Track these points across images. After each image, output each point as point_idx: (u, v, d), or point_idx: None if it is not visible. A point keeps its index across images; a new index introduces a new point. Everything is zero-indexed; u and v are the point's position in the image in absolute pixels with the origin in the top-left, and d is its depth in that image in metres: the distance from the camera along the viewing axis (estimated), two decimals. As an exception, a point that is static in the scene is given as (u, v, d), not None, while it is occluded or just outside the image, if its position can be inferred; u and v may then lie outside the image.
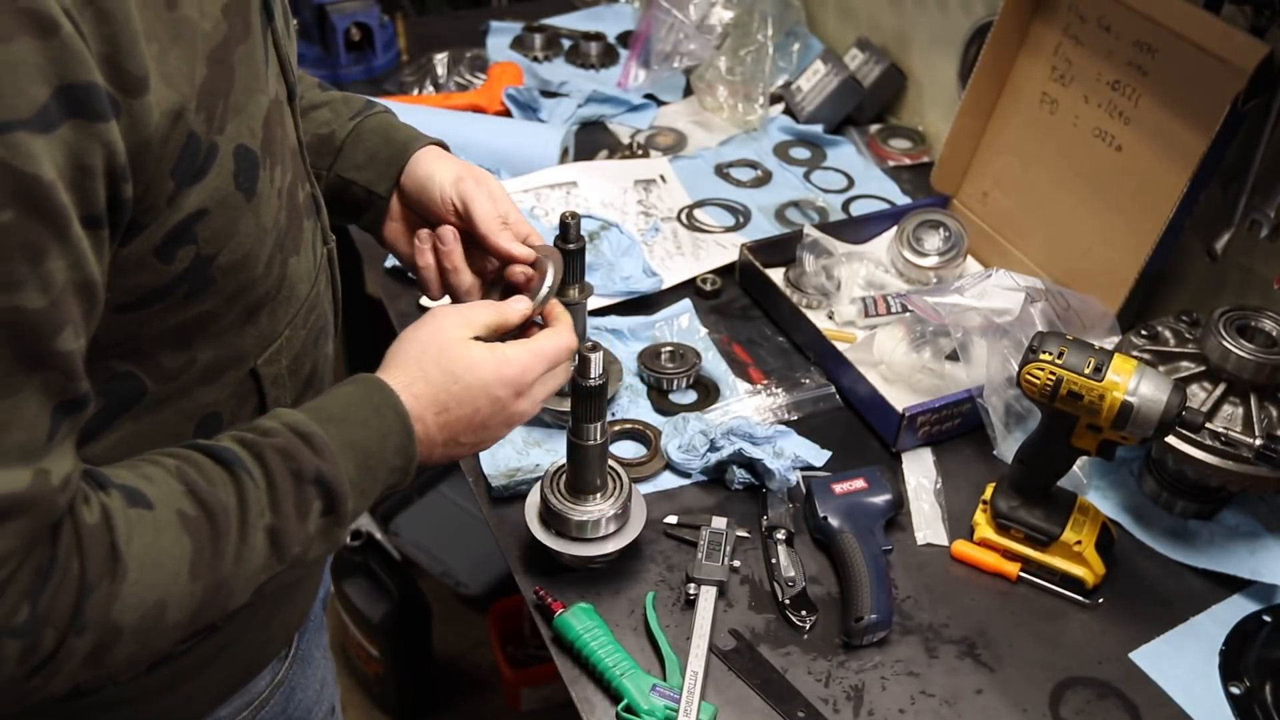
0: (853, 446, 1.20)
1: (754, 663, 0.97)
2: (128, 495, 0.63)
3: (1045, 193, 1.40)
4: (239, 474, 0.67)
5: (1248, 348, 1.04)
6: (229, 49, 0.64)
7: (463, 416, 0.79)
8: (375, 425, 0.74)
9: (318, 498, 0.70)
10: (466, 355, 0.80)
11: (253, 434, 0.70)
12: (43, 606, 0.57)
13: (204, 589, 0.65)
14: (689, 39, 1.77)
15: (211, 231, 0.65)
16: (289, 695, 0.94)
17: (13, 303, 0.52)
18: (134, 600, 0.61)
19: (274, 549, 0.68)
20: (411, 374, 0.78)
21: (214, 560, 0.65)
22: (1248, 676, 0.98)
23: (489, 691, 2.08)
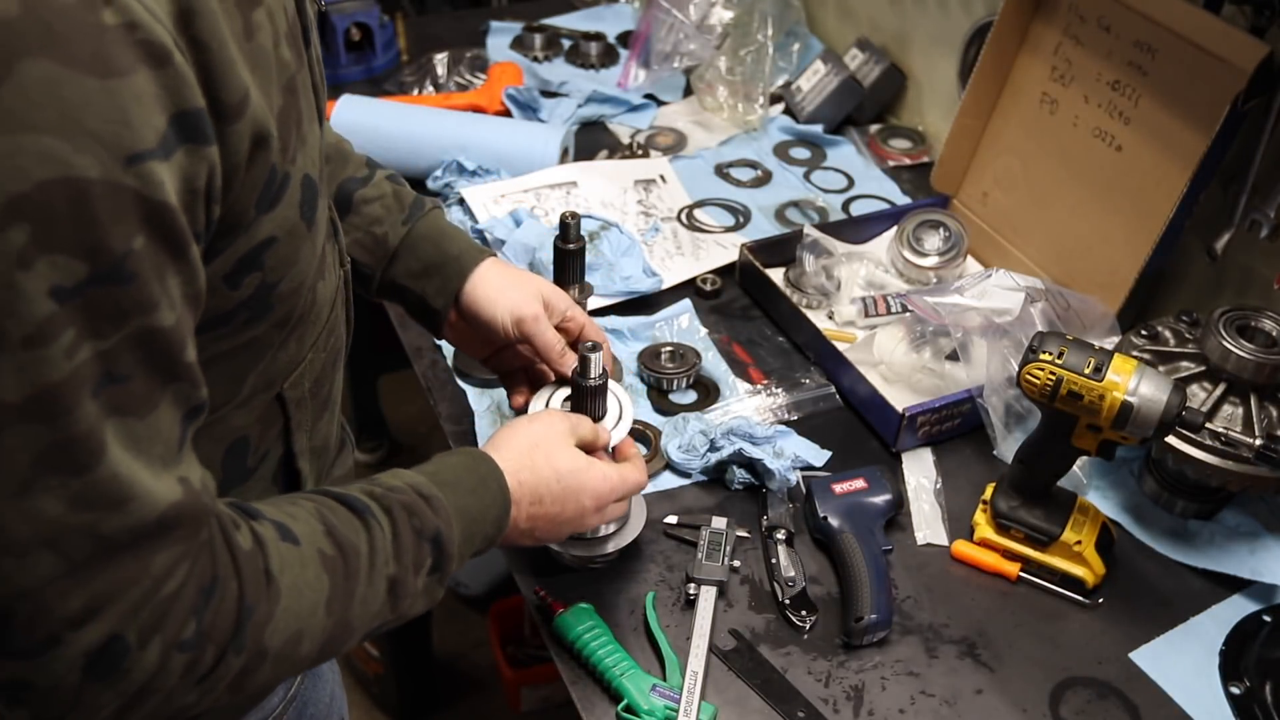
0: (853, 446, 1.20)
1: (754, 663, 0.97)
2: (278, 528, 0.67)
3: (1045, 193, 1.40)
4: (369, 522, 0.72)
5: (1248, 348, 1.04)
6: (295, 79, 0.65)
7: (551, 514, 0.86)
8: (481, 495, 0.81)
9: (430, 555, 0.75)
10: (572, 460, 0.88)
11: (380, 488, 0.76)
12: (207, 623, 0.61)
13: (334, 626, 0.69)
14: (689, 39, 1.77)
15: (277, 259, 0.67)
16: (301, 710, 0.95)
17: (150, 323, 0.55)
18: (282, 626, 0.65)
19: (391, 598, 0.73)
20: (520, 462, 0.85)
21: (346, 600, 0.70)
22: (1248, 676, 0.98)
23: (489, 691, 2.08)
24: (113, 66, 0.50)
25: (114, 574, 0.56)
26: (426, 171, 1.55)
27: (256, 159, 0.61)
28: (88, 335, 0.53)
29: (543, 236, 1.38)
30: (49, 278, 0.50)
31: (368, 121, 1.56)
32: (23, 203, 0.49)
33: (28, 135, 0.48)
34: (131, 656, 0.58)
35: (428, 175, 1.55)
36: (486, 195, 1.49)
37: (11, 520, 0.53)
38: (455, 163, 1.53)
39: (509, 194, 1.50)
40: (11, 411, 0.51)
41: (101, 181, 0.51)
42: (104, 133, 0.50)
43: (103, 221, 0.51)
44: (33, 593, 0.55)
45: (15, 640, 0.56)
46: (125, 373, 0.55)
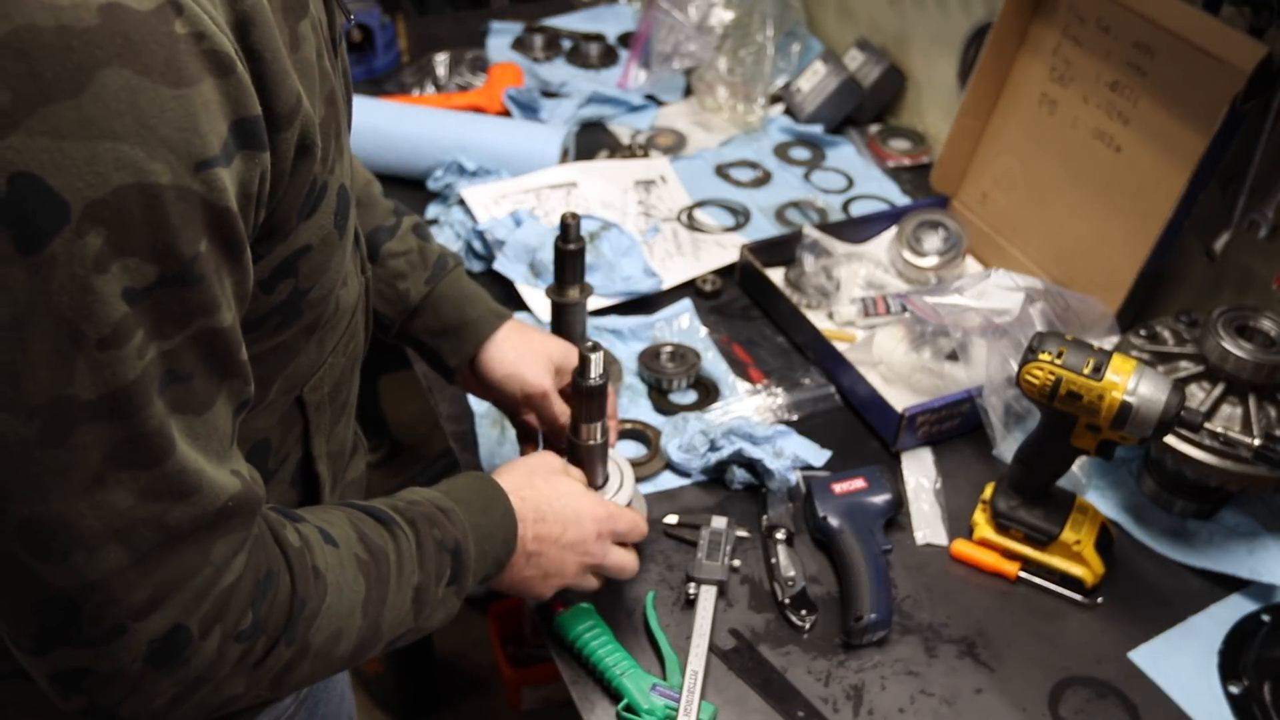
0: (852, 446, 1.20)
1: (754, 662, 0.98)
2: (319, 531, 0.71)
3: (1045, 193, 1.41)
4: (395, 531, 0.75)
5: (1247, 348, 1.04)
6: (335, 92, 0.67)
7: (554, 533, 0.88)
8: (490, 514, 0.84)
9: (450, 566, 0.78)
10: (569, 484, 0.92)
11: (402, 502, 0.79)
12: (263, 614, 0.64)
13: (367, 629, 0.72)
14: (689, 40, 1.77)
15: (310, 267, 0.68)
16: (313, 709, 0.95)
17: (212, 324, 0.57)
18: (326, 623, 0.68)
19: (415, 606, 0.76)
20: (519, 482, 0.89)
21: (379, 604, 0.72)
22: (1246, 676, 0.98)
23: (489, 691, 2.08)
24: (184, 76, 0.52)
25: (178, 563, 0.59)
26: (426, 171, 1.56)
27: (300, 167, 0.62)
28: (155, 336, 0.55)
29: (543, 236, 1.38)
30: (122, 280, 0.52)
31: (368, 121, 1.56)
32: (101, 208, 0.50)
33: (106, 142, 0.50)
34: (193, 645, 0.60)
35: (428, 175, 1.55)
36: (487, 195, 1.49)
37: (84, 514, 0.55)
38: (455, 163, 1.54)
39: (509, 194, 1.50)
40: (87, 410, 0.53)
41: (173, 187, 0.52)
42: (175, 140, 0.52)
43: (173, 226, 0.53)
44: (101, 584, 0.56)
45: (82, 631, 0.57)
46: (188, 371, 0.57)
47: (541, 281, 1.37)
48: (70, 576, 0.56)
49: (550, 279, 1.17)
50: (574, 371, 0.94)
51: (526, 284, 1.38)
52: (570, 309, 1.16)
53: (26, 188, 0.49)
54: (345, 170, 0.70)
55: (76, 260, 0.50)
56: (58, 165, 0.49)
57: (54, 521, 0.55)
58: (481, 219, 1.45)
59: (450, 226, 1.46)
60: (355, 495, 0.94)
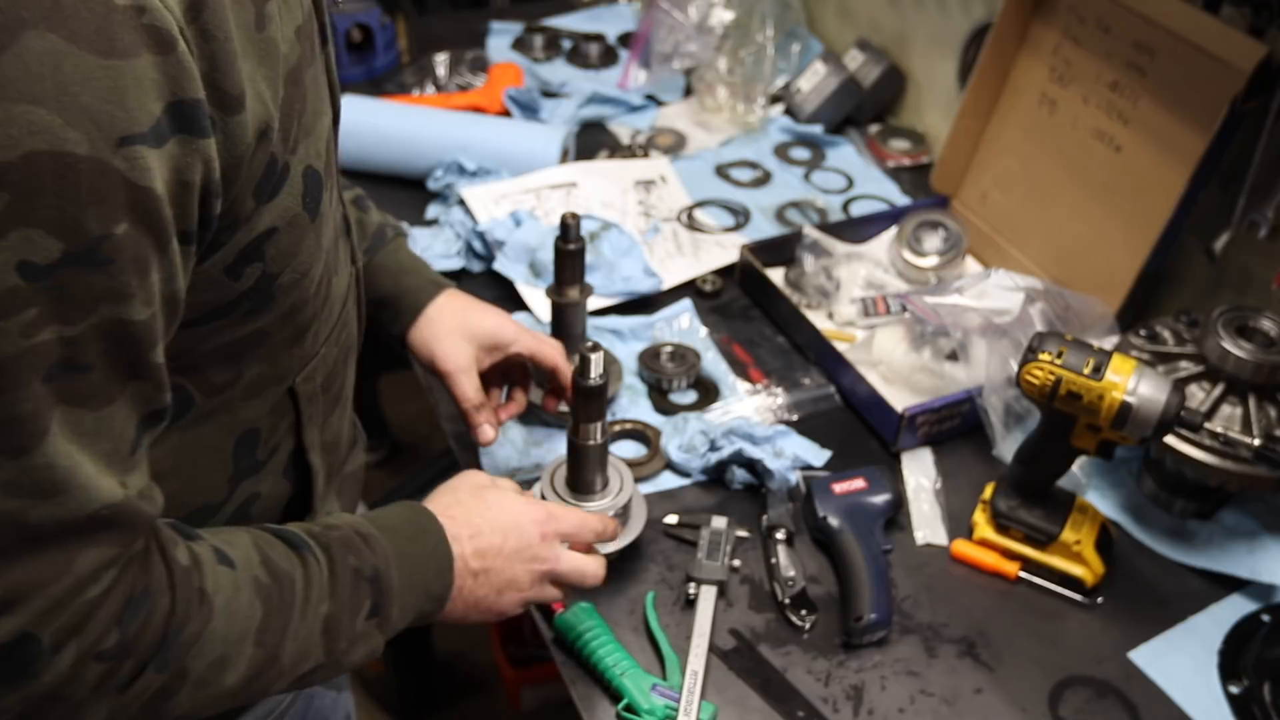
0: (852, 446, 1.20)
1: (754, 662, 0.98)
2: (215, 551, 0.66)
3: (1045, 193, 1.41)
4: (305, 556, 0.71)
5: (1247, 348, 1.04)
6: (302, 71, 0.65)
7: (495, 544, 0.84)
8: (422, 543, 0.80)
9: (369, 596, 0.74)
10: (499, 494, 0.88)
11: (318, 526, 0.75)
12: (131, 635, 0.59)
13: (262, 659, 0.67)
14: (689, 40, 1.77)
15: (278, 250, 0.66)
16: (308, 703, 0.95)
17: (120, 314, 0.54)
18: (208, 649, 0.64)
19: (325, 637, 0.71)
20: (447, 502, 0.85)
21: (278, 632, 0.68)
22: (1246, 676, 0.98)
23: (489, 691, 2.08)
24: (116, 47, 0.50)
25: (34, 567, 0.55)
26: (426, 171, 1.56)
27: (259, 151, 0.60)
28: (55, 319, 0.52)
29: (543, 237, 1.38)
30: (20, 252, 0.50)
31: (368, 121, 1.56)
32: (7, 171, 0.48)
33: (21, 105, 0.48)
34: (43, 660, 0.56)
35: (428, 175, 1.55)
36: (487, 195, 1.49)
37: None
38: (455, 163, 1.54)
39: (509, 194, 1.50)
40: None
41: (88, 159, 0.50)
42: (98, 111, 0.50)
43: (84, 200, 0.50)
44: None
45: None
46: (88, 362, 0.54)
47: (541, 281, 1.37)
48: None
49: (550, 279, 1.17)
50: (574, 372, 0.94)
51: (526, 284, 1.38)
52: (570, 309, 1.16)
53: None
54: (316, 152, 0.68)
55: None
56: None
57: None
58: (481, 219, 1.45)
59: (450, 226, 1.46)
60: (353, 489, 0.94)
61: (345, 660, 0.73)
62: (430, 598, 0.80)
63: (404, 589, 0.77)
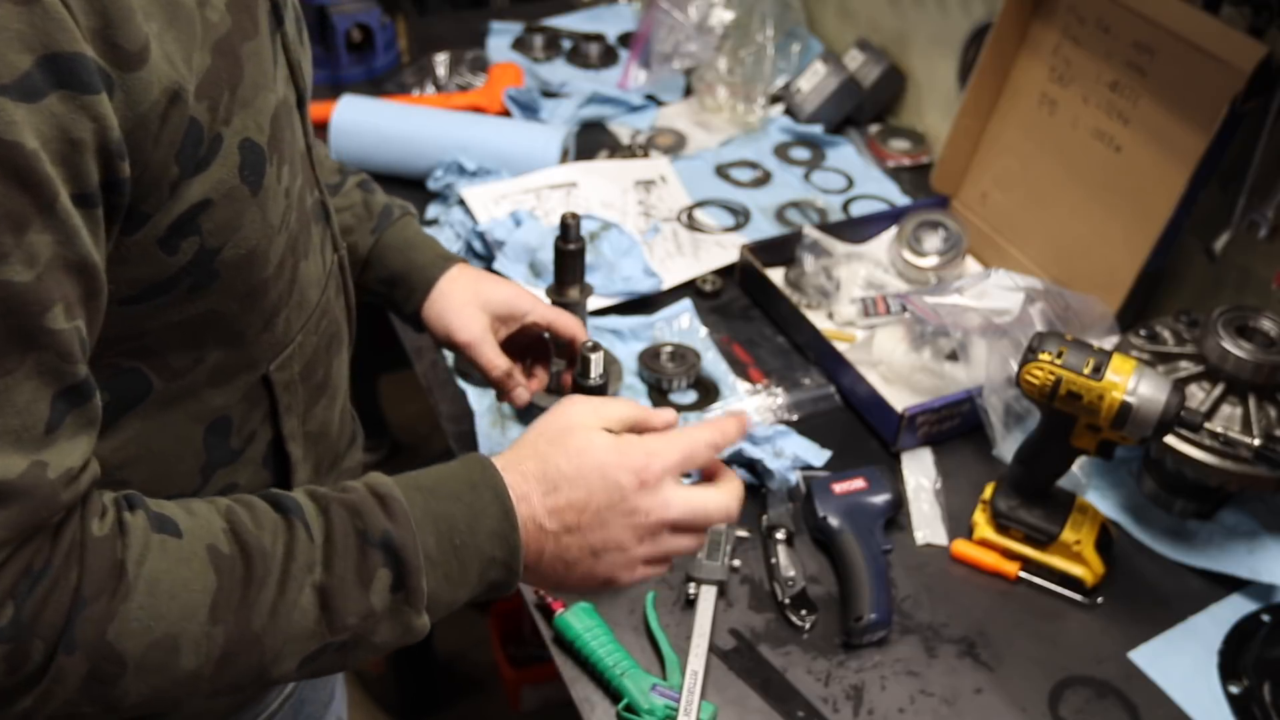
0: (852, 446, 1.20)
1: (754, 662, 0.98)
2: (156, 520, 0.61)
3: (1045, 193, 1.41)
4: (294, 522, 0.64)
5: (1247, 348, 1.04)
6: (234, 43, 0.64)
7: (575, 501, 0.70)
8: (469, 502, 0.69)
9: (384, 565, 0.65)
10: (587, 436, 0.73)
11: (327, 489, 0.67)
12: (29, 612, 0.55)
13: (228, 637, 0.61)
14: (689, 40, 1.77)
15: (215, 224, 0.64)
16: (298, 708, 0.94)
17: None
18: (137, 627, 0.58)
19: (324, 612, 0.63)
20: (522, 452, 0.72)
21: (243, 607, 0.61)
22: (1246, 676, 0.98)
23: (489, 691, 2.09)
24: None
25: None
26: (426, 171, 1.56)
27: (172, 113, 0.58)
28: None
29: (543, 237, 1.38)
30: None
31: (368, 121, 1.56)
32: None
33: None
34: None
35: (428, 175, 1.55)
36: (487, 196, 1.49)
37: None
38: (455, 163, 1.54)
39: (509, 194, 1.50)
40: None
41: None
42: None
43: None
44: None
45: None
46: None
47: (541, 281, 1.37)
48: None
49: (550, 279, 1.17)
50: (574, 372, 0.94)
51: (526, 284, 1.38)
52: (570, 309, 1.16)
53: None
54: (257, 125, 0.65)
55: None
56: None
57: None
58: (481, 219, 1.45)
59: (450, 226, 1.46)
60: None
61: (372, 640, 0.65)
62: (491, 562, 0.68)
63: (442, 556, 0.67)
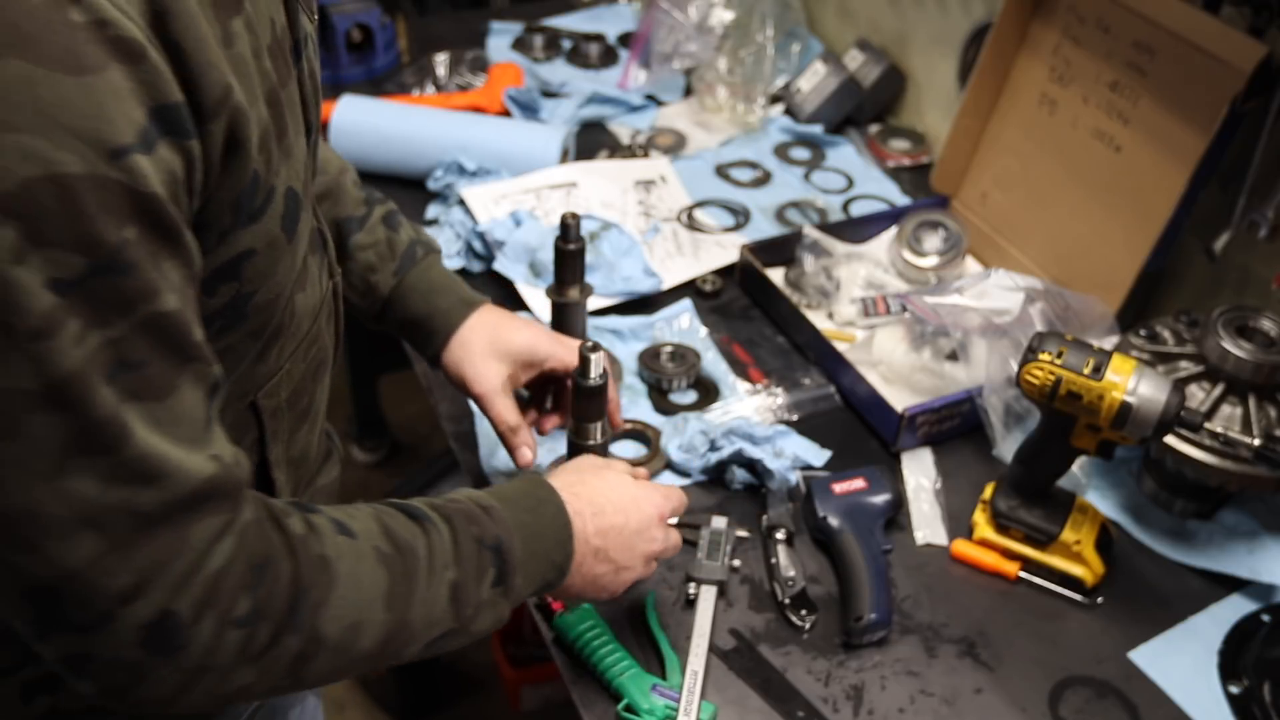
0: (852, 446, 1.20)
1: (754, 662, 0.98)
2: (334, 523, 0.69)
3: (1045, 193, 1.41)
4: (427, 527, 0.74)
5: (1247, 348, 1.04)
6: (279, 93, 0.66)
7: (618, 523, 0.86)
8: (540, 514, 0.82)
9: (492, 565, 0.76)
10: (618, 475, 0.90)
11: (438, 500, 0.78)
12: (261, 599, 0.63)
13: (393, 624, 0.70)
14: (689, 40, 1.77)
15: (255, 271, 0.67)
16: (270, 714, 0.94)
17: (155, 309, 0.57)
18: (339, 613, 0.67)
19: (453, 604, 0.74)
20: (570, 479, 0.87)
21: (405, 598, 0.71)
22: (1246, 676, 0.98)
23: (489, 691, 2.08)
24: (85, 64, 0.51)
25: (155, 548, 0.58)
26: (426, 171, 1.56)
27: (231, 164, 0.61)
28: (94, 324, 0.54)
29: (543, 237, 1.38)
30: (46, 271, 0.52)
31: (368, 122, 1.56)
32: (9, 201, 0.50)
33: (7, 135, 0.49)
34: (186, 631, 0.60)
35: (428, 175, 1.55)
36: (487, 196, 1.49)
37: (49, 503, 0.55)
38: (455, 163, 1.54)
39: (509, 194, 1.50)
40: (33, 399, 0.53)
41: (86, 177, 0.52)
42: (83, 129, 0.51)
43: (92, 215, 0.52)
44: (79, 572, 0.57)
45: (71, 617, 0.58)
46: (140, 359, 0.56)
47: (541, 281, 1.37)
48: (48, 566, 0.56)
49: (550, 279, 1.17)
50: (574, 372, 0.94)
51: (526, 284, 1.38)
52: (570, 309, 1.16)
53: None
54: (295, 173, 0.69)
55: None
56: None
57: (22, 513, 0.55)
58: (481, 219, 1.45)
59: (450, 226, 1.46)
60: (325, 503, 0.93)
61: (473, 627, 0.76)
62: (552, 567, 0.82)
63: (526, 558, 0.79)
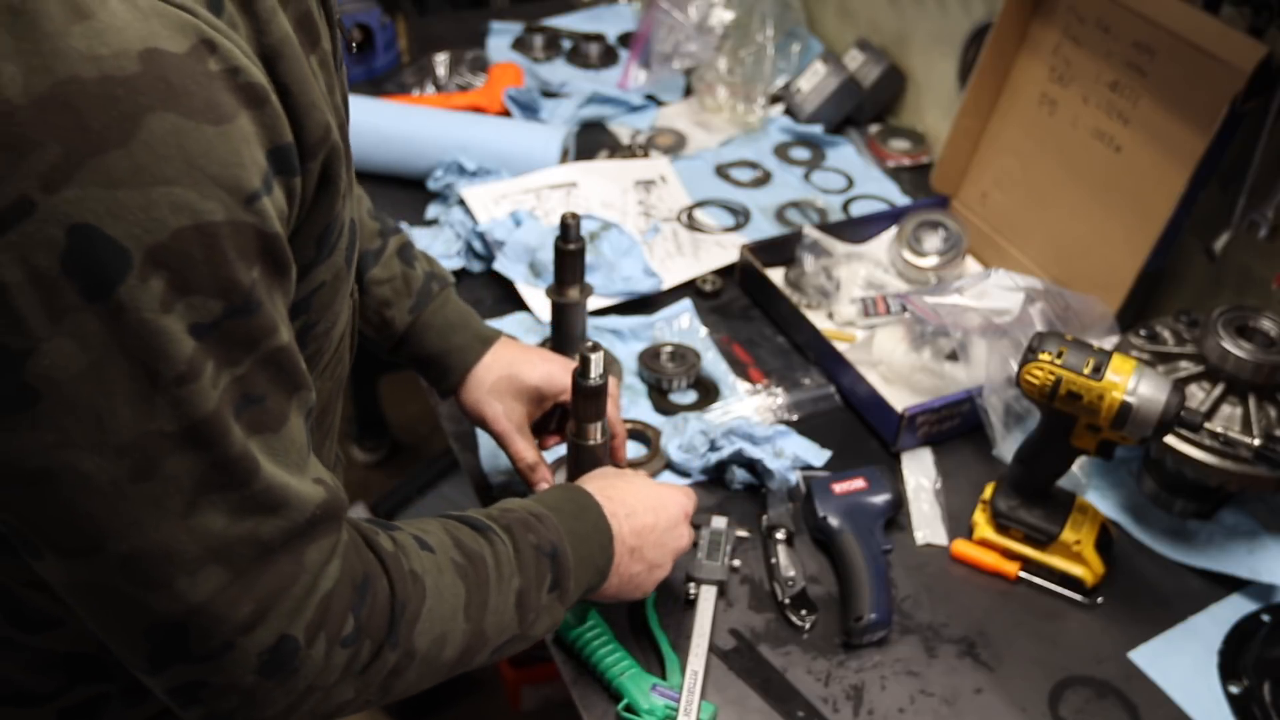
0: (853, 446, 1.20)
1: (754, 662, 0.98)
2: (414, 538, 0.72)
3: (1045, 193, 1.41)
4: (491, 537, 0.77)
5: (1247, 348, 1.04)
6: (345, 125, 0.68)
7: (649, 522, 0.89)
8: (584, 519, 0.85)
9: (550, 571, 0.80)
10: (641, 478, 0.94)
11: (495, 510, 0.81)
12: (364, 618, 0.65)
13: (471, 633, 0.73)
14: (689, 40, 1.77)
15: (321, 302, 0.69)
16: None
17: (274, 344, 0.59)
18: (428, 626, 0.70)
19: (519, 610, 0.77)
20: (600, 484, 0.90)
21: (480, 607, 0.74)
22: (1246, 676, 0.98)
23: (489, 691, 2.08)
24: (223, 112, 0.53)
25: (275, 574, 0.60)
26: (426, 171, 1.56)
27: (321, 201, 0.63)
28: (226, 364, 0.56)
29: (543, 237, 1.38)
30: (188, 318, 0.53)
31: (368, 122, 1.56)
32: (161, 252, 0.52)
33: (160, 188, 0.51)
34: (301, 654, 0.62)
35: (428, 175, 1.55)
36: (486, 196, 1.49)
37: (182, 540, 0.57)
38: (455, 163, 1.54)
39: (509, 194, 1.50)
40: (171, 442, 0.55)
41: (228, 223, 0.54)
42: (224, 177, 0.53)
43: (232, 260, 0.54)
44: (205, 605, 0.58)
45: (193, 650, 0.60)
46: (260, 393, 0.59)
47: (541, 281, 1.37)
48: (176, 601, 0.58)
49: (550, 279, 1.17)
50: (574, 372, 0.94)
51: (526, 284, 1.38)
52: (570, 309, 1.16)
53: (86, 239, 0.50)
54: (353, 204, 0.71)
55: (143, 304, 0.52)
56: (114, 214, 0.50)
57: (155, 552, 0.56)
58: (481, 219, 1.45)
59: (450, 226, 1.46)
60: None
61: (532, 632, 0.79)
62: (596, 571, 0.85)
63: (577, 563, 0.82)
